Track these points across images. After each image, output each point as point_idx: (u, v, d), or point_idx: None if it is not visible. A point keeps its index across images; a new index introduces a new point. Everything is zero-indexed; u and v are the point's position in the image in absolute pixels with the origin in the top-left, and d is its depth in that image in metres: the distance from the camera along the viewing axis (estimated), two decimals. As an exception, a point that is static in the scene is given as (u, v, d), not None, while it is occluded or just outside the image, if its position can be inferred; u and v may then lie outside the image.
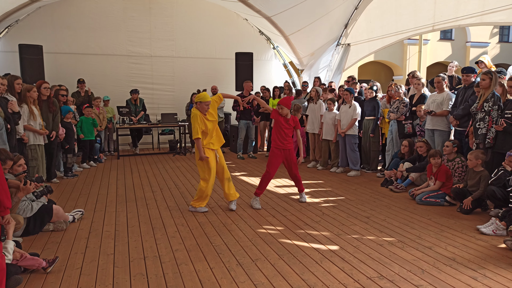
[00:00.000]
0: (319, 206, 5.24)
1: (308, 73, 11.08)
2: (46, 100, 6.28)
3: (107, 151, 9.65)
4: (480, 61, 6.94)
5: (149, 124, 9.53)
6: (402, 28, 8.93)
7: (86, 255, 3.63)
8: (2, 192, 2.58)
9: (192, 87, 10.46)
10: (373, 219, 4.68)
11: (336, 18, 9.66)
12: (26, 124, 5.72)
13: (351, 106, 7.05)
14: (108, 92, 9.92)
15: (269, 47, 11.97)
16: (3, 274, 2.76)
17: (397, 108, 6.67)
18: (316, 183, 6.57)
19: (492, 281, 3.10)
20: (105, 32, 10.28)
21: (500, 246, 3.82)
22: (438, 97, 6.02)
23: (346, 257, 3.57)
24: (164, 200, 5.52)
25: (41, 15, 9.75)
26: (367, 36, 9.84)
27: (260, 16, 9.59)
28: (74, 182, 6.70)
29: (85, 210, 5.01)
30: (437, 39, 22.32)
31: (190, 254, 3.63)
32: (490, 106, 4.95)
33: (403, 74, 20.84)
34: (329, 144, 7.57)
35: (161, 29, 10.76)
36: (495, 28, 22.72)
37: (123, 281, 3.11)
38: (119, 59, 10.51)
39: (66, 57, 10.01)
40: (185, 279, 3.15)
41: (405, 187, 5.99)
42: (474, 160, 4.88)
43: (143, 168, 7.89)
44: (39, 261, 3.20)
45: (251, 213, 4.90)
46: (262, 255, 3.62)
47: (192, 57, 11.14)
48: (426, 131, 6.23)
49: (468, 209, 4.81)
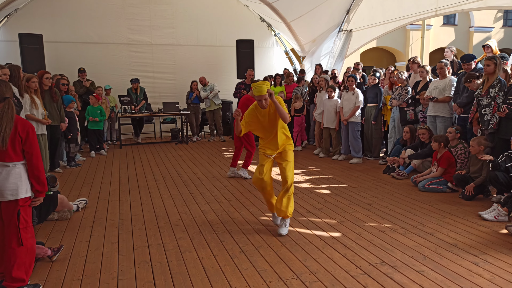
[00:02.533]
0: (321, 193, 5.26)
1: (310, 60, 11.01)
2: (48, 90, 6.27)
3: (109, 140, 9.67)
4: (488, 45, 6.87)
5: (151, 113, 9.52)
6: (404, 14, 8.83)
7: (90, 243, 3.67)
8: (43, 175, 2.80)
9: (193, 75, 10.41)
10: (375, 206, 4.70)
11: (337, 4, 9.55)
12: (28, 113, 5.71)
13: (354, 93, 7.00)
14: (109, 81, 9.89)
15: (270, 34, 11.87)
16: (32, 258, 2.85)
17: (399, 94, 6.63)
18: (319, 170, 6.59)
19: (493, 266, 3.12)
20: (105, 21, 10.20)
21: (502, 232, 3.84)
22: (441, 83, 5.98)
23: (348, 243, 3.60)
24: (167, 189, 5.55)
25: (41, 3, 9.67)
26: (369, 22, 9.74)
27: (261, 2, 9.50)
28: (78, 171, 6.73)
29: (88, 199, 5.05)
30: (440, 24, 22.08)
31: (194, 242, 3.67)
32: (496, 92, 4.91)
33: (406, 60, 20.67)
34: (330, 132, 7.55)
35: (161, 17, 10.67)
36: (499, 13, 22.42)
37: (127, 269, 3.15)
38: (119, 47, 10.45)
39: (66, 46, 9.95)
40: (189, 266, 3.19)
41: (407, 174, 6.00)
42: (476, 146, 4.87)
43: (146, 157, 7.92)
44: (45, 249, 3.24)
45: (253, 201, 4.92)
46: (265, 242, 3.65)
47: (193, 45, 11.07)
48: (428, 118, 6.20)
49: (470, 195, 4.82)
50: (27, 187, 2.76)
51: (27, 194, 2.75)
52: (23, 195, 2.73)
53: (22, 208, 2.74)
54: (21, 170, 2.74)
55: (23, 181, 2.73)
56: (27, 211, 2.79)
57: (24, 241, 2.74)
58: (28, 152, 2.72)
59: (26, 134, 2.69)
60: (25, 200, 2.75)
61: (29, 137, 2.71)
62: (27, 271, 2.79)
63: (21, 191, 2.71)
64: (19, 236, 2.71)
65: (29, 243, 2.79)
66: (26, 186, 2.75)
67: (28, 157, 2.72)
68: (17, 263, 2.72)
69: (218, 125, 10.05)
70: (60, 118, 6.46)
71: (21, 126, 2.69)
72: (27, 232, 2.77)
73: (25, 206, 2.76)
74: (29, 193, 2.77)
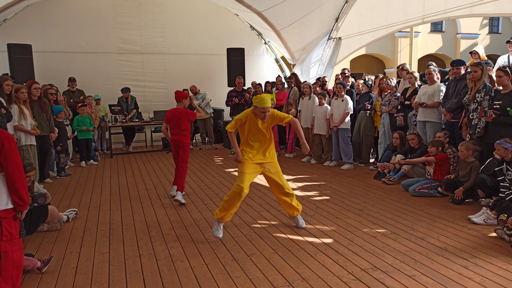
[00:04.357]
0: (312, 200, 5.27)
1: (300, 68, 11.09)
2: (37, 100, 6.24)
3: (100, 150, 9.61)
4: (475, 51, 6.99)
5: (142, 122, 9.50)
6: (392, 21, 8.95)
7: (81, 254, 3.63)
8: (22, 188, 2.68)
9: (184, 83, 10.43)
10: (367, 211, 4.72)
11: (327, 12, 9.66)
12: (16, 124, 5.67)
13: (343, 100, 7.07)
14: (99, 90, 9.85)
15: (261, 42, 11.95)
16: (19, 271, 2.79)
17: (389, 101, 6.71)
18: (310, 177, 6.61)
19: (483, 269, 3.15)
20: (94, 30, 10.18)
21: (491, 235, 3.89)
22: (429, 89, 6.07)
23: (340, 249, 3.61)
24: (159, 198, 5.52)
25: (29, 13, 9.63)
26: (358, 30, 9.86)
27: (250, 11, 9.56)
28: (68, 181, 6.67)
29: (79, 209, 5.00)
30: (427, 31, 22.43)
31: (186, 251, 3.65)
32: (482, 97, 5.00)
33: (395, 66, 20.92)
34: (321, 138, 7.60)
35: (152, 26, 10.69)
36: (485, 20, 22.86)
37: (118, 279, 3.12)
38: (109, 56, 10.43)
39: (55, 55, 9.90)
40: (181, 275, 3.17)
41: (397, 179, 6.05)
42: (465, 151, 4.94)
43: (137, 166, 7.87)
44: (34, 261, 3.20)
45: (245, 209, 4.92)
46: (257, 249, 3.64)
47: (183, 53, 11.09)
48: (418, 123, 6.27)
49: (460, 199, 4.87)
50: (8, 199, 2.66)
51: (7, 206, 2.65)
52: (3, 207, 2.63)
53: (5, 220, 2.65)
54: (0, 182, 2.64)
55: (3, 193, 2.63)
56: (11, 224, 2.69)
57: (10, 254, 2.67)
58: (4, 164, 2.61)
59: (1, 145, 2.58)
60: (8, 211, 2.66)
61: (4, 148, 2.59)
62: (14, 284, 2.74)
63: (1, 203, 2.62)
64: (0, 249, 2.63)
65: (16, 255, 2.72)
66: (7, 198, 2.65)
67: (4, 169, 2.62)
68: (3, 276, 2.67)
69: (210, 133, 10.05)
70: (49, 128, 6.42)
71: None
72: (12, 244, 2.70)
73: (8, 218, 2.67)
74: (10, 205, 2.67)
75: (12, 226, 2.72)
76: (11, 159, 2.62)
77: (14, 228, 2.73)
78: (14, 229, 2.74)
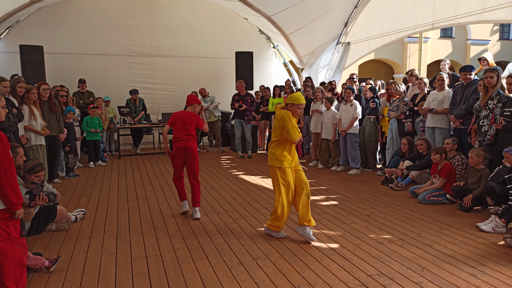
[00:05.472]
0: (319, 204, 5.26)
1: (308, 72, 11.09)
2: (47, 101, 6.31)
3: (108, 151, 9.68)
4: (483, 58, 6.94)
5: (150, 124, 9.56)
6: (401, 27, 8.94)
7: (88, 254, 3.66)
8: (10, 190, 2.62)
9: (192, 86, 10.49)
10: (373, 217, 4.70)
11: (336, 17, 9.67)
12: (27, 124, 5.74)
13: (352, 104, 7.06)
14: (108, 92, 9.94)
15: (269, 46, 11.99)
16: (22, 269, 2.80)
17: (397, 106, 6.68)
18: (317, 181, 6.60)
19: (491, 278, 3.12)
20: (105, 32, 10.30)
21: (500, 243, 3.84)
22: (439, 95, 6.03)
23: (347, 255, 3.59)
24: (166, 200, 5.55)
25: (42, 15, 9.77)
26: (366, 35, 9.85)
27: (259, 15, 9.60)
28: (76, 182, 6.73)
29: (87, 209, 5.04)
30: (437, 37, 22.32)
31: (192, 253, 3.66)
32: (494, 104, 4.95)
33: (404, 72, 20.83)
34: (329, 143, 7.58)
35: (161, 29, 10.78)
36: (495, 26, 22.70)
37: (125, 280, 3.14)
38: (119, 59, 10.53)
39: (66, 57, 10.03)
40: (187, 277, 3.18)
41: (405, 185, 6.01)
42: (475, 158, 4.89)
43: (144, 168, 7.92)
44: (42, 260, 3.23)
45: (252, 212, 4.92)
46: (263, 253, 3.64)
47: (192, 56, 11.16)
48: (427, 129, 6.24)
49: (468, 207, 4.83)
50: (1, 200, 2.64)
51: (0, 207, 2.64)
52: None
53: (0, 221, 2.65)
54: None
55: None
56: (8, 224, 2.69)
57: (10, 253, 2.68)
58: None
59: None
60: (3, 212, 2.65)
61: None
62: (17, 282, 2.75)
63: None
64: None
65: (17, 254, 2.73)
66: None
67: None
68: (5, 276, 2.68)
69: (217, 136, 10.08)
70: (59, 129, 6.49)
71: None
72: (12, 243, 2.71)
73: (4, 218, 2.66)
74: (3, 206, 2.65)
75: (10, 226, 2.71)
76: (0, 159, 2.54)
77: (12, 228, 2.73)
78: (13, 228, 2.73)
